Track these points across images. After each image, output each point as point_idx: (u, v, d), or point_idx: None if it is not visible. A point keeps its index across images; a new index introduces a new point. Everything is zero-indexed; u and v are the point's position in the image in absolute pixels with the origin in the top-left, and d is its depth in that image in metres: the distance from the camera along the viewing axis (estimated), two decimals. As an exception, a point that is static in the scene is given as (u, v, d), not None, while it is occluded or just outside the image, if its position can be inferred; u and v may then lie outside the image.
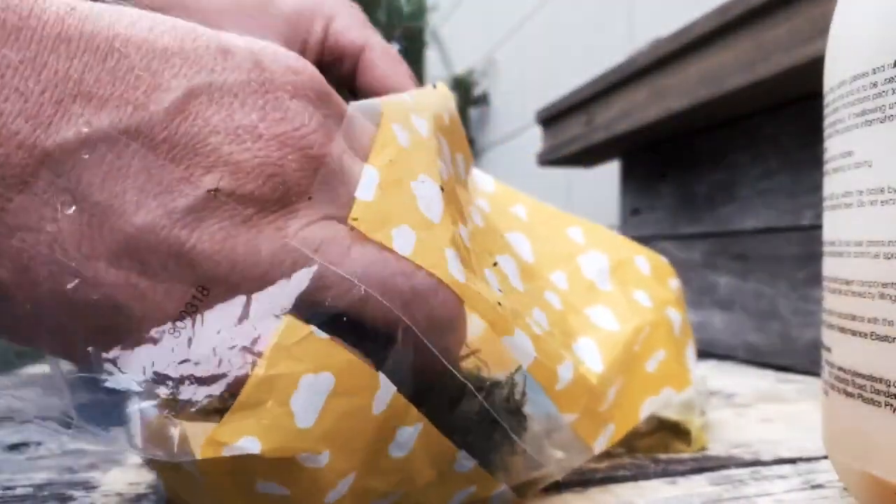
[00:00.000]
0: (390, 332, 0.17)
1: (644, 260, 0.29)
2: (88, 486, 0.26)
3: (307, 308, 0.16)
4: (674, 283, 0.31)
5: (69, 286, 0.15)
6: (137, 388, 0.16)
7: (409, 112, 0.20)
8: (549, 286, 0.25)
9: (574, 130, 0.77)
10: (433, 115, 0.21)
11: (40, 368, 0.19)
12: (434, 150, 0.20)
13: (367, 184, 0.18)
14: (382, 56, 0.30)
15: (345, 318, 0.17)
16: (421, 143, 0.20)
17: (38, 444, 0.31)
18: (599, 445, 0.25)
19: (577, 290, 0.26)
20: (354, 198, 0.18)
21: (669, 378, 0.29)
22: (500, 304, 0.20)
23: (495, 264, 0.22)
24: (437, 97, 0.23)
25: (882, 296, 0.20)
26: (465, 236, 0.21)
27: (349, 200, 0.18)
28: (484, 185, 0.27)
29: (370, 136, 0.19)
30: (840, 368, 0.22)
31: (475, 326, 0.19)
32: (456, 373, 0.18)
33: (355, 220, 0.17)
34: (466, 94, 1.94)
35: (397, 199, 0.18)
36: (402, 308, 0.17)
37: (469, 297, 0.19)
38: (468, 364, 0.19)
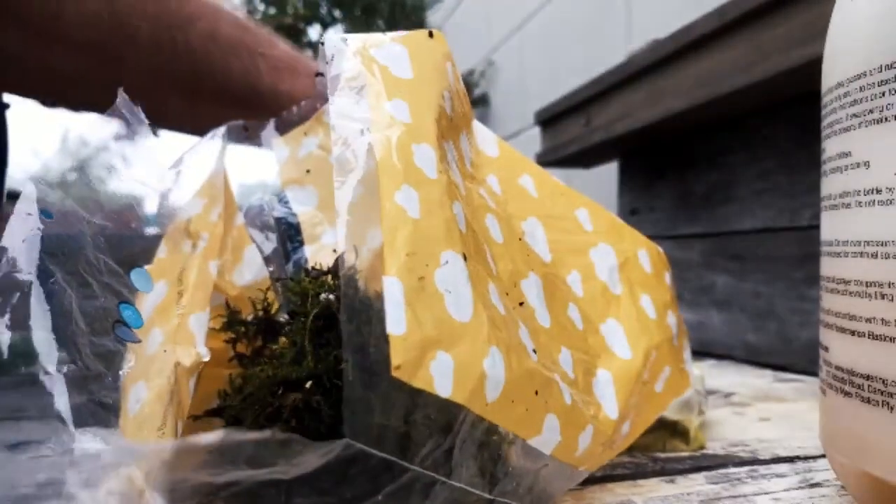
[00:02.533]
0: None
1: (646, 255, 0.30)
2: (90, 485, 0.26)
3: None
4: (668, 276, 0.31)
5: None
6: None
7: (411, 146, 0.19)
8: (570, 296, 0.25)
9: (573, 131, 0.78)
10: (435, 116, 0.21)
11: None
12: (448, 195, 0.19)
13: (395, 306, 0.17)
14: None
15: None
16: (433, 200, 0.19)
17: (40, 443, 0.31)
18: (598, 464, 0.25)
19: (593, 295, 0.26)
20: (388, 335, 0.16)
21: (674, 389, 0.29)
22: (537, 392, 0.20)
23: (521, 304, 0.22)
24: (433, 70, 0.22)
25: (880, 295, 0.20)
26: (495, 292, 0.20)
27: None
28: (487, 147, 0.27)
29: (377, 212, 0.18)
30: (838, 368, 0.22)
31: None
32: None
33: (398, 368, 0.16)
34: (465, 94, 1.94)
35: (427, 312, 0.17)
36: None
37: (516, 426, 0.19)
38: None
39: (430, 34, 0.23)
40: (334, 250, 0.31)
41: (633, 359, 0.26)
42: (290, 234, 0.33)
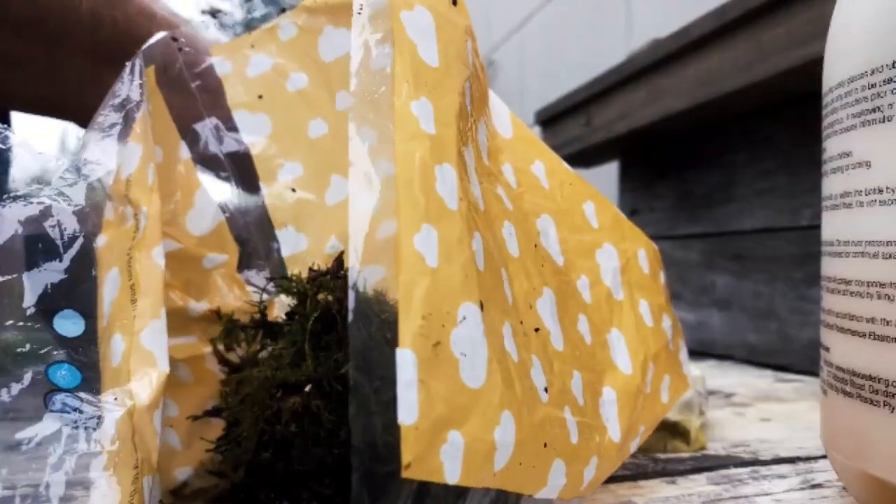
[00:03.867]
0: None
1: (644, 254, 0.30)
2: (89, 485, 0.26)
3: None
4: (662, 276, 0.31)
5: None
6: None
7: (434, 168, 0.18)
8: (581, 305, 0.25)
9: (573, 131, 0.78)
10: (457, 121, 0.20)
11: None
12: (467, 227, 0.18)
13: (407, 387, 0.16)
14: None
15: None
16: (452, 239, 0.18)
17: (39, 443, 0.31)
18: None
19: (599, 302, 0.26)
20: (400, 425, 0.15)
21: (677, 393, 0.29)
22: (545, 444, 0.19)
23: (537, 329, 0.22)
24: (456, 57, 0.20)
25: (880, 296, 0.20)
26: (509, 332, 0.19)
27: None
28: (502, 126, 0.26)
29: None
30: (838, 368, 0.22)
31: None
32: None
33: (408, 467, 0.15)
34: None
35: (441, 384, 0.16)
36: None
37: (522, 486, 0.18)
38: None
39: (454, 1, 0.22)
40: (293, 189, 0.30)
41: (633, 375, 0.26)
42: (242, 169, 0.30)
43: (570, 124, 0.78)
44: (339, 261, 0.26)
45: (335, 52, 0.28)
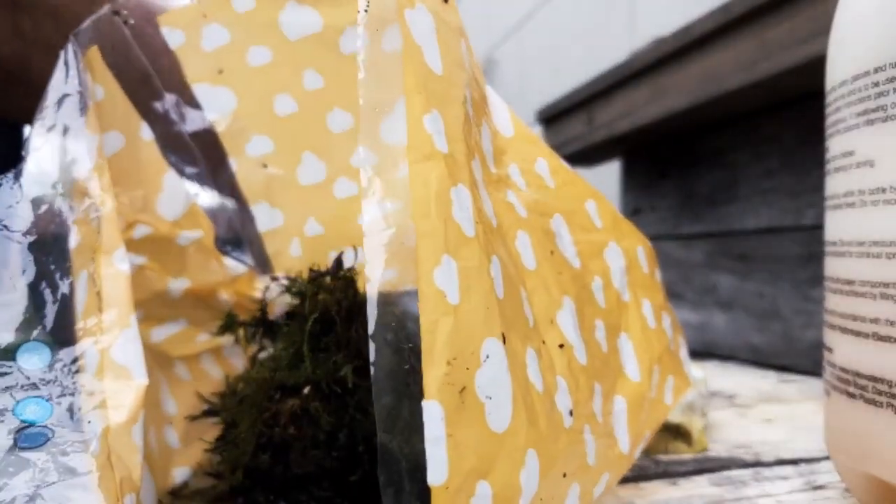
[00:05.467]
0: None
1: (643, 252, 0.29)
2: (88, 488, 0.26)
3: None
4: (658, 273, 0.31)
5: None
6: None
7: (450, 191, 0.17)
8: (596, 310, 0.25)
9: (575, 130, 0.77)
10: (464, 133, 0.19)
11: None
12: (485, 252, 0.18)
13: (436, 445, 0.16)
14: None
15: None
16: (472, 270, 0.17)
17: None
18: None
19: (611, 305, 0.26)
20: (430, 486, 0.15)
21: (679, 392, 0.29)
22: (564, 475, 0.19)
23: (561, 346, 0.21)
24: (455, 63, 0.20)
25: (884, 296, 0.20)
26: (533, 358, 0.19)
27: None
28: (502, 125, 0.25)
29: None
30: (842, 369, 0.22)
31: None
32: None
33: None
34: (467, 93, 1.94)
35: (468, 432, 0.16)
36: None
37: None
38: None
39: None
40: (264, 165, 0.30)
41: (642, 382, 0.25)
42: (208, 147, 0.28)
43: (572, 123, 0.78)
44: (339, 261, 0.26)
45: (300, 31, 0.27)
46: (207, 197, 0.28)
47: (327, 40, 0.27)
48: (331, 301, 0.24)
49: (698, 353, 0.62)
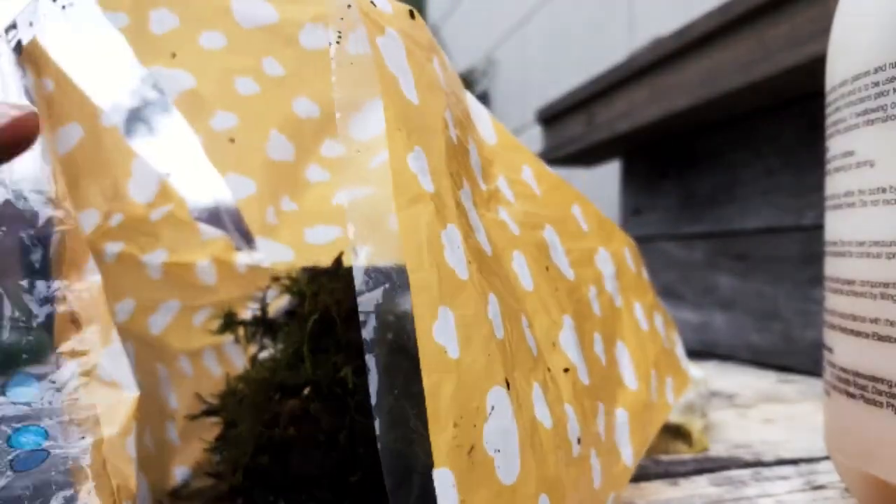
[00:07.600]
0: None
1: (628, 252, 0.29)
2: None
3: None
4: (644, 271, 0.31)
5: None
6: None
7: (440, 235, 0.17)
8: (594, 321, 0.25)
9: (575, 130, 0.77)
10: (447, 164, 0.18)
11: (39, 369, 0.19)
12: (481, 295, 0.17)
13: None
14: None
15: None
16: (470, 317, 0.17)
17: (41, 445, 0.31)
18: None
19: (606, 313, 0.26)
20: None
21: (680, 390, 0.29)
22: None
23: (566, 370, 0.21)
24: (430, 86, 0.19)
25: (884, 296, 0.20)
26: (540, 394, 0.19)
27: None
28: (486, 134, 0.25)
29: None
30: (842, 369, 0.22)
31: None
32: None
33: None
34: (467, 93, 1.94)
35: (479, 493, 0.16)
36: None
37: None
38: None
39: (412, 14, 0.20)
40: (231, 140, 0.29)
41: (639, 390, 0.25)
42: (172, 125, 0.28)
43: (572, 123, 0.78)
44: (339, 261, 0.26)
45: (253, 21, 0.26)
46: (177, 174, 0.28)
47: (285, 34, 0.26)
48: (331, 301, 0.24)
49: (698, 353, 0.62)
